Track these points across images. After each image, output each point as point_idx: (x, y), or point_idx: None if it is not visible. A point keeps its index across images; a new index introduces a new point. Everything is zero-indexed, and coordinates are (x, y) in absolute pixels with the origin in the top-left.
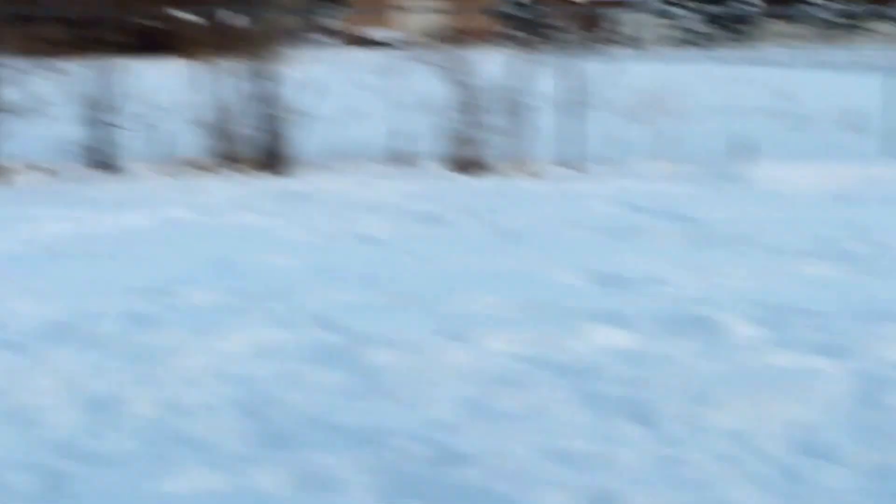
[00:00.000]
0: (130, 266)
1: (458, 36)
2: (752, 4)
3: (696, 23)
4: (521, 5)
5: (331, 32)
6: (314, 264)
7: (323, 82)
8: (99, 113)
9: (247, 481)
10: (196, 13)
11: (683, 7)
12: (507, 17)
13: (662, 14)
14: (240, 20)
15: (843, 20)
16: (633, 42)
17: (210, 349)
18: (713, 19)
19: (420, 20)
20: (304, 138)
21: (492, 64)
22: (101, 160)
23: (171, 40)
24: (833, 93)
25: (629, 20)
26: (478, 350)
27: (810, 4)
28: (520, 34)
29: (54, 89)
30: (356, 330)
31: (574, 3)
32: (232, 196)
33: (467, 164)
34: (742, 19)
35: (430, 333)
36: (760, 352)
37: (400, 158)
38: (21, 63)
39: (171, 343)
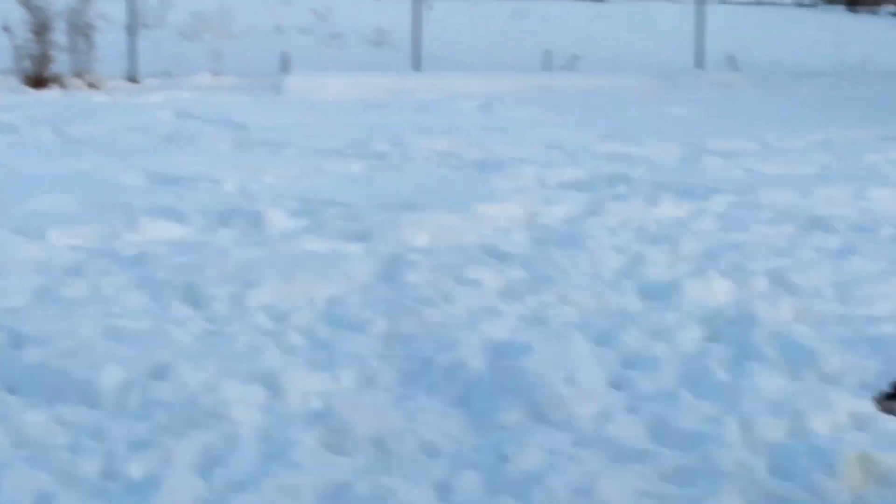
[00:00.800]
0: None
1: None
2: None
3: None
4: None
5: None
6: None
7: None
8: None
9: None
10: None
11: None
12: None
13: None
14: None
15: None
16: None
17: None
18: None
19: None
20: None
21: None
22: None
23: None
24: (365, 14)
25: None
26: (46, 244)
27: None
28: None
29: None
30: None
31: None
32: None
33: (38, 79)
34: None
35: (2, 231)
36: (296, 239)
37: None
38: None
39: None
